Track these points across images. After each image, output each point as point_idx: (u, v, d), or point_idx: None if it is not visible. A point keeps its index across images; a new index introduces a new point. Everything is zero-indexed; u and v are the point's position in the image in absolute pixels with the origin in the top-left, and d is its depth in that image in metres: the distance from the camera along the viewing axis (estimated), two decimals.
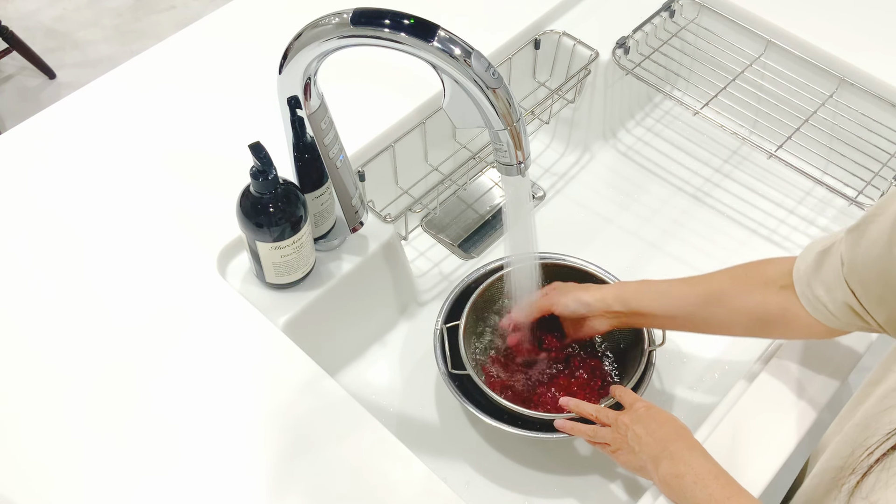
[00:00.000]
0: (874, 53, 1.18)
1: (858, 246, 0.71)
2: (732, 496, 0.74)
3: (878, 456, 0.61)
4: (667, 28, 1.29)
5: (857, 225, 0.72)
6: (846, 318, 0.75)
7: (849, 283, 0.73)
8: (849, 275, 0.73)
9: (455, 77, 0.72)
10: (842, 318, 0.76)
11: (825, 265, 0.76)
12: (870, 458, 0.62)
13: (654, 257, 1.19)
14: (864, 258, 0.71)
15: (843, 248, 0.74)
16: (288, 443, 0.84)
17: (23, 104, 2.51)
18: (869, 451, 0.63)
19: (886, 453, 0.61)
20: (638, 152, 1.32)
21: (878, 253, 0.69)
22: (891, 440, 0.61)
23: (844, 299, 0.74)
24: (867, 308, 0.72)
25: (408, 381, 1.07)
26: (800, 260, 0.80)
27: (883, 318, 0.72)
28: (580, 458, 1.01)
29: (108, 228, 0.99)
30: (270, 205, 0.87)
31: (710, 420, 0.88)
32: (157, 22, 2.76)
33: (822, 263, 0.76)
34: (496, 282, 1.04)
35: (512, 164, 0.78)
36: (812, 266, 0.77)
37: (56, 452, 0.83)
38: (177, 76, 1.16)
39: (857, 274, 0.72)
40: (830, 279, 0.75)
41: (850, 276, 0.72)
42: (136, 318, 0.92)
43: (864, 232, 0.71)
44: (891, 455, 0.60)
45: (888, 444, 0.61)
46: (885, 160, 1.14)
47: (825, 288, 0.75)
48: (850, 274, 0.72)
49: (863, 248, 0.71)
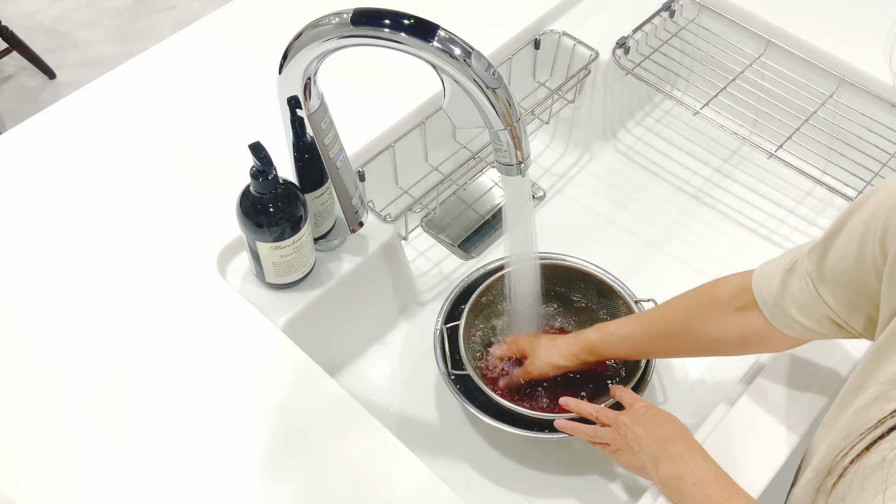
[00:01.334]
0: (874, 53, 1.18)
1: (824, 263, 0.72)
2: (731, 497, 0.74)
3: (853, 457, 0.62)
4: (667, 28, 1.29)
5: (819, 243, 0.73)
6: (826, 330, 0.76)
7: (822, 298, 0.73)
8: (820, 290, 0.73)
9: (455, 77, 0.72)
10: (822, 330, 0.76)
11: (792, 285, 0.76)
12: (845, 460, 0.63)
13: (654, 257, 1.19)
14: (833, 273, 0.71)
15: (807, 266, 0.74)
16: (288, 443, 0.84)
17: (23, 104, 2.51)
18: (844, 451, 0.63)
19: (861, 453, 0.61)
20: (638, 152, 1.32)
21: (847, 267, 0.70)
22: (864, 440, 0.61)
23: (824, 312, 0.74)
24: (844, 318, 0.73)
25: (408, 381, 1.07)
26: (760, 283, 0.79)
27: (861, 326, 0.73)
28: (580, 458, 1.01)
29: (108, 228, 0.99)
30: (270, 205, 0.87)
31: (709, 420, 0.88)
32: (157, 22, 2.76)
33: (788, 283, 0.76)
34: (496, 282, 1.04)
35: (512, 164, 0.78)
36: (778, 288, 0.77)
37: (56, 452, 0.83)
38: (177, 76, 1.16)
39: (827, 288, 0.72)
40: (802, 297, 0.75)
41: (822, 291, 0.73)
42: (136, 318, 0.92)
43: (829, 248, 0.71)
44: (864, 455, 0.61)
45: (862, 445, 0.61)
46: (885, 160, 1.14)
47: (797, 307, 0.75)
48: (821, 289, 0.73)
49: (830, 263, 0.71)
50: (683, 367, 1.08)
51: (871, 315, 0.71)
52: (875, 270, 0.67)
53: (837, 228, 0.71)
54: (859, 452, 0.61)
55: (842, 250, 0.70)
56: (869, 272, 0.68)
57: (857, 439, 0.62)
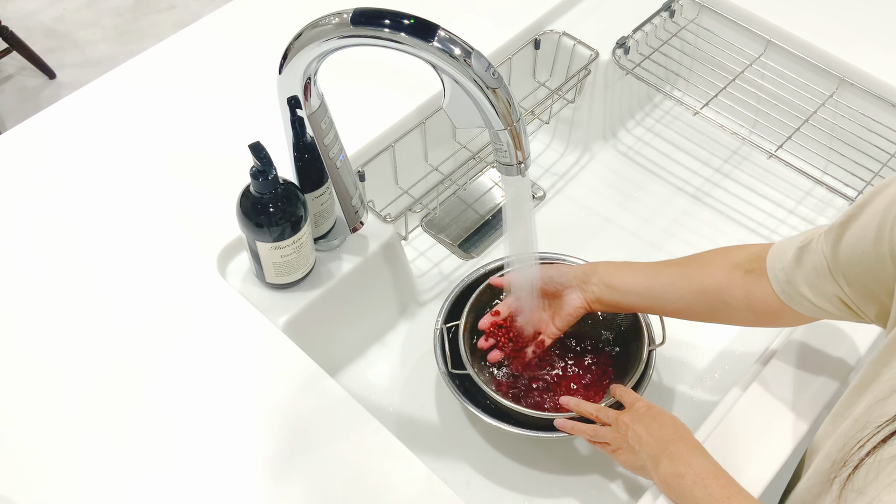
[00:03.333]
0: (874, 53, 1.18)
1: (839, 245, 0.72)
2: (732, 496, 0.74)
3: (870, 448, 0.62)
4: (667, 28, 1.29)
5: (835, 225, 0.72)
6: (838, 311, 0.75)
7: (835, 279, 0.73)
8: (834, 272, 0.73)
9: (455, 77, 0.72)
10: (833, 310, 0.76)
11: (805, 262, 0.75)
12: (861, 451, 0.62)
13: (654, 257, 1.18)
14: (848, 256, 0.71)
15: (823, 247, 0.74)
16: (288, 443, 0.84)
17: (23, 104, 2.51)
18: (860, 443, 0.63)
19: (877, 445, 0.61)
20: (638, 152, 1.32)
21: (862, 251, 0.69)
22: (882, 432, 0.61)
23: (836, 294, 0.74)
24: (857, 303, 0.72)
25: (408, 381, 1.07)
26: (774, 258, 0.79)
27: (873, 313, 0.72)
28: (580, 457, 1.01)
29: (109, 228, 0.99)
30: (270, 205, 0.87)
31: (710, 420, 0.88)
32: (157, 22, 2.76)
33: (801, 260, 0.76)
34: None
35: (512, 164, 0.78)
36: (791, 263, 0.77)
37: (56, 452, 0.83)
38: (177, 76, 1.16)
39: (841, 271, 0.72)
40: (814, 276, 0.75)
41: (835, 273, 0.73)
42: (137, 318, 0.92)
43: (845, 230, 0.71)
44: (881, 447, 0.60)
45: (879, 437, 0.61)
46: (885, 160, 1.14)
47: (809, 285, 0.75)
48: (834, 271, 0.73)
49: (845, 246, 0.71)
50: (684, 366, 1.08)
51: (885, 303, 0.70)
52: (891, 257, 0.66)
53: (856, 212, 0.70)
54: (876, 444, 0.61)
55: (858, 234, 0.69)
56: (885, 258, 0.67)
57: (874, 431, 0.62)
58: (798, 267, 0.76)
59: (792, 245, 0.78)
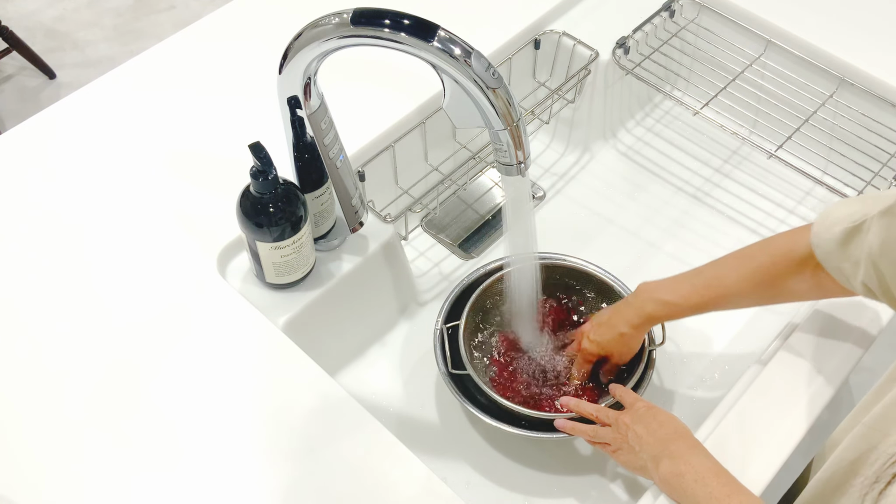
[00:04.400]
0: (874, 53, 1.18)
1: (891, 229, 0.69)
2: (733, 494, 0.74)
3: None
4: (667, 28, 1.29)
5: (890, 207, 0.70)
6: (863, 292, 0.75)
7: (878, 266, 0.71)
8: (880, 258, 0.70)
9: (455, 77, 0.72)
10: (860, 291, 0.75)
11: (853, 243, 0.74)
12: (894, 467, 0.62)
13: (654, 257, 1.19)
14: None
15: (875, 228, 0.71)
16: (288, 443, 0.84)
17: (23, 104, 2.51)
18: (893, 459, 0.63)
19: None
20: (638, 152, 1.32)
21: None
22: None
23: (864, 280, 0.73)
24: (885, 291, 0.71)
25: (408, 381, 1.07)
26: (823, 230, 0.77)
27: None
28: (580, 458, 1.01)
29: (109, 228, 0.99)
30: (270, 205, 0.87)
31: (710, 420, 0.88)
32: (157, 22, 2.76)
33: (850, 240, 0.74)
34: (496, 282, 1.04)
35: (512, 164, 0.78)
36: (839, 240, 0.75)
37: (56, 452, 0.83)
38: (177, 76, 1.16)
39: (887, 257, 0.70)
40: (858, 257, 0.73)
41: (882, 259, 0.70)
42: (137, 318, 0.92)
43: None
44: None
45: None
46: (885, 160, 1.14)
47: (851, 263, 0.74)
48: (881, 257, 0.70)
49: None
50: (684, 366, 1.08)
51: None
52: None
53: None
54: None
55: None
56: None
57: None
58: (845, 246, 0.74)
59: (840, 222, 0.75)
